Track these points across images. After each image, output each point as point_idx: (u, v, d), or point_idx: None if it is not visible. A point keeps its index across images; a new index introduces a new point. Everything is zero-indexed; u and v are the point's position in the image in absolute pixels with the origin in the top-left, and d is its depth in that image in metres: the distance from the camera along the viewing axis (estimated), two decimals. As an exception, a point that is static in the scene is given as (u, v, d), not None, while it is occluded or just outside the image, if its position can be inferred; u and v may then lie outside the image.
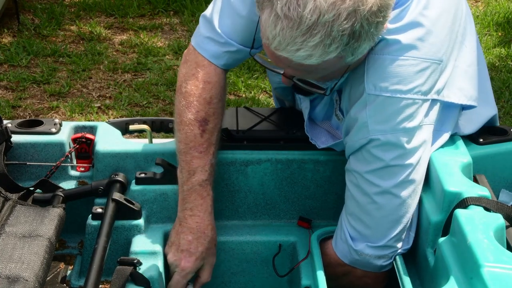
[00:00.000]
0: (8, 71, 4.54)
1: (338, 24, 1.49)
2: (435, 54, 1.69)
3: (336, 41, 1.51)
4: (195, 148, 1.86)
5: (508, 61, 4.91)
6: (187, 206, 1.87)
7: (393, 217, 1.75)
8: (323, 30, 1.49)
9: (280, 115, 2.13)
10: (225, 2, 1.87)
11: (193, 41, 1.94)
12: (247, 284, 2.08)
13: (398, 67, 1.67)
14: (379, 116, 1.69)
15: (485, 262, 1.43)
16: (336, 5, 1.48)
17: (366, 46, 1.58)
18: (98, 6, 5.49)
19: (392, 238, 1.78)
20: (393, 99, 1.67)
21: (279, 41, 1.53)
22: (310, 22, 1.48)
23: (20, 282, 1.52)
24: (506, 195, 1.94)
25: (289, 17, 1.49)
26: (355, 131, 1.73)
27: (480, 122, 1.95)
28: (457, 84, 1.78)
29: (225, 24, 1.86)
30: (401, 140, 1.69)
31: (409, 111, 1.68)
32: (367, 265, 1.82)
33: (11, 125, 2.04)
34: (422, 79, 1.68)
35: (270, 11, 1.53)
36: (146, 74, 4.59)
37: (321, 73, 1.65)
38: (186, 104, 1.87)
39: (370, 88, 1.69)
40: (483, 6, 5.81)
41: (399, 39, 1.66)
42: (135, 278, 1.71)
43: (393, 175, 1.72)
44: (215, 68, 1.90)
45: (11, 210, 1.78)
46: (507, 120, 4.15)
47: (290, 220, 2.08)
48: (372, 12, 1.51)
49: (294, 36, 1.51)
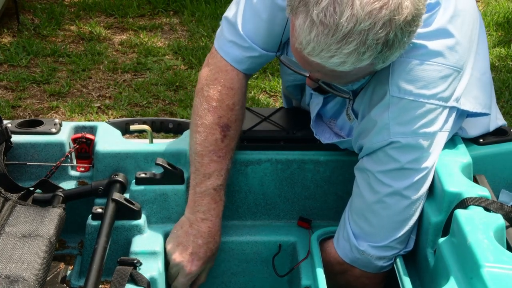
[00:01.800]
0: (8, 71, 4.54)
1: (373, 33, 1.49)
2: (457, 62, 1.70)
3: (370, 49, 1.52)
4: (215, 152, 1.86)
5: (508, 61, 4.92)
6: (199, 209, 1.87)
7: (399, 218, 1.76)
8: (359, 39, 1.50)
9: (280, 115, 2.13)
10: (247, 5, 1.86)
11: (216, 44, 1.93)
12: (247, 284, 2.08)
13: (424, 71, 1.67)
14: (401, 119, 1.69)
15: (485, 262, 1.43)
16: (372, 14, 1.48)
17: (397, 54, 1.59)
18: (98, 6, 5.49)
19: (395, 240, 1.78)
20: (417, 103, 1.68)
21: (313, 47, 1.53)
22: (346, 30, 1.49)
23: (20, 282, 1.52)
24: (506, 195, 1.95)
25: (325, 24, 1.49)
26: (374, 133, 1.74)
27: (486, 130, 1.95)
28: (473, 93, 1.79)
29: (249, 28, 1.86)
30: (420, 144, 1.70)
31: (431, 116, 1.69)
32: (367, 265, 1.82)
33: (11, 125, 2.04)
34: (444, 86, 1.69)
35: (305, 16, 1.52)
36: (146, 74, 4.59)
37: (350, 78, 1.67)
38: (208, 108, 1.87)
39: (394, 90, 1.69)
40: (483, 6, 5.81)
41: (426, 44, 1.67)
42: (135, 278, 1.71)
43: (406, 177, 1.72)
44: (237, 73, 1.90)
45: (11, 210, 1.78)
46: (507, 120, 4.15)
47: (290, 220, 2.08)
48: (407, 21, 1.52)
49: (329, 43, 1.51)
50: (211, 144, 1.86)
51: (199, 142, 1.87)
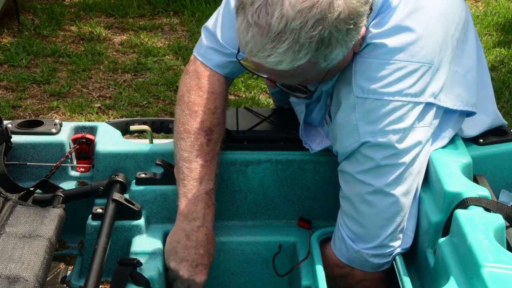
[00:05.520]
0: (8, 71, 4.55)
1: (305, 31, 1.52)
2: (424, 57, 1.69)
3: (304, 48, 1.54)
4: (201, 157, 1.86)
5: (508, 61, 4.92)
6: (195, 216, 1.85)
7: (386, 215, 1.75)
8: (291, 37, 1.53)
9: (280, 115, 2.13)
10: (225, 13, 1.90)
11: (195, 52, 1.96)
12: (247, 284, 2.08)
13: (385, 69, 1.68)
14: (368, 118, 1.70)
15: (485, 262, 1.43)
16: (303, 13, 1.51)
17: (338, 52, 1.60)
18: (98, 6, 5.49)
19: (387, 237, 1.78)
20: (381, 101, 1.69)
21: (251, 48, 1.58)
22: (278, 29, 1.52)
23: (20, 282, 1.52)
24: (506, 195, 1.94)
25: (259, 25, 1.54)
26: (345, 136, 1.74)
27: (482, 130, 1.95)
28: (455, 90, 1.78)
29: (228, 35, 1.88)
30: (391, 140, 1.70)
31: (399, 113, 1.69)
32: (364, 263, 1.82)
33: (11, 125, 2.04)
34: (410, 81, 1.69)
35: (243, 18, 1.57)
36: (146, 74, 4.59)
37: (299, 77, 1.68)
38: (190, 114, 1.88)
39: (358, 91, 1.70)
40: (483, 6, 5.81)
41: (385, 42, 1.68)
42: (135, 278, 1.71)
43: (385, 174, 1.72)
44: (219, 78, 1.92)
45: (11, 210, 1.78)
46: (507, 120, 4.15)
47: (290, 221, 2.08)
48: (341, 19, 1.54)
49: (263, 42, 1.55)
50: (197, 149, 1.86)
51: (185, 148, 1.87)
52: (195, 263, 1.86)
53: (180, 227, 1.86)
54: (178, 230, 1.87)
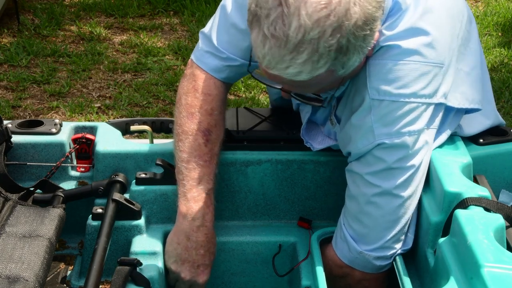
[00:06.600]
0: (8, 71, 4.55)
1: (324, 41, 1.52)
2: (437, 58, 1.70)
3: (324, 57, 1.54)
4: (200, 157, 1.86)
5: (508, 61, 4.92)
6: (194, 216, 1.85)
7: (392, 217, 1.76)
8: (310, 48, 1.52)
9: (280, 115, 2.13)
10: (222, 17, 1.90)
11: (193, 56, 1.97)
12: (247, 284, 2.08)
13: (400, 71, 1.68)
14: (384, 120, 1.70)
15: (485, 263, 1.43)
16: (320, 23, 1.50)
17: (356, 59, 1.60)
18: (98, 6, 5.49)
19: (390, 239, 1.78)
20: (398, 103, 1.69)
21: (269, 60, 1.57)
22: (296, 40, 1.51)
23: (20, 282, 1.52)
24: (506, 195, 1.94)
25: (276, 37, 1.53)
26: (359, 137, 1.74)
27: (481, 129, 1.95)
28: (460, 88, 1.79)
29: (224, 40, 1.89)
30: (406, 142, 1.70)
31: (414, 115, 1.69)
32: (366, 264, 1.82)
33: (11, 125, 2.04)
34: (424, 83, 1.69)
35: (258, 31, 1.56)
36: (146, 74, 4.59)
37: (315, 87, 1.68)
38: (187, 115, 1.89)
39: (373, 94, 1.70)
40: (483, 6, 5.81)
41: (399, 44, 1.67)
42: (135, 278, 1.71)
43: (394, 177, 1.72)
44: (215, 81, 1.92)
45: (11, 210, 1.78)
46: (507, 120, 4.15)
47: (290, 221, 2.08)
48: (358, 26, 1.53)
49: (282, 54, 1.54)
50: (195, 150, 1.86)
51: (183, 149, 1.87)
52: (197, 264, 1.86)
53: (180, 227, 1.86)
54: (178, 231, 1.87)
